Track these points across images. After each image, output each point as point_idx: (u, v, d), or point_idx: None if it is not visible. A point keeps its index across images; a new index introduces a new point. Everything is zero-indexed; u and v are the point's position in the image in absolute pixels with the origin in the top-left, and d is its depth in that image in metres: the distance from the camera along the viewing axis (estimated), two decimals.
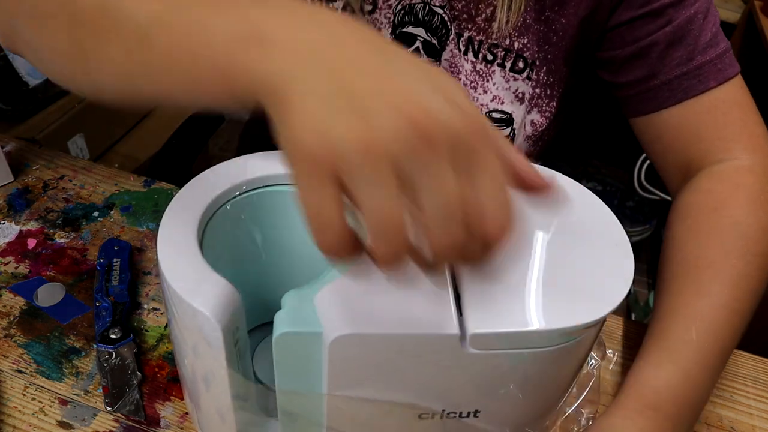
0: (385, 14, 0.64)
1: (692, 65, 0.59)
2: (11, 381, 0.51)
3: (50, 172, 0.71)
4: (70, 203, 0.67)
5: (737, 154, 0.58)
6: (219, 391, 0.41)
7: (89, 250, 0.63)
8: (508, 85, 0.64)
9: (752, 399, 0.56)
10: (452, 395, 0.40)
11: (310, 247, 0.48)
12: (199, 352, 0.40)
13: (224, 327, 0.37)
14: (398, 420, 0.41)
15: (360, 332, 0.36)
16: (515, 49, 0.63)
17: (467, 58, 0.64)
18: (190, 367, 0.43)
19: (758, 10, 1.42)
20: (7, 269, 0.60)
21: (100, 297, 0.56)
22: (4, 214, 0.66)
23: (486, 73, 0.64)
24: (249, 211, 0.46)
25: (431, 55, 0.65)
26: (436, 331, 0.36)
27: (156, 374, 0.53)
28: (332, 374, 0.38)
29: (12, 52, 0.42)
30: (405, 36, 0.64)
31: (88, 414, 0.49)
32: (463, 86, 0.52)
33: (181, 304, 0.38)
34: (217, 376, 0.40)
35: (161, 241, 0.40)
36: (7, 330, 0.55)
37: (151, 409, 0.50)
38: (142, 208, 0.68)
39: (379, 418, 0.41)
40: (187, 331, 0.40)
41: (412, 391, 0.39)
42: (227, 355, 0.38)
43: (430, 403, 0.40)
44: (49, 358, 0.53)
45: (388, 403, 0.40)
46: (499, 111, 0.65)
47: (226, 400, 0.41)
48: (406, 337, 0.36)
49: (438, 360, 0.37)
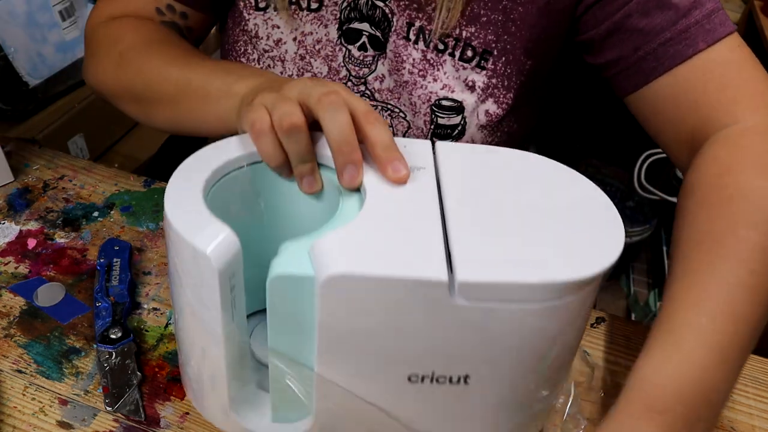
0: (331, 11, 0.65)
1: (676, 29, 0.56)
2: (11, 381, 0.51)
3: (50, 172, 0.71)
4: (70, 203, 0.67)
5: (741, 116, 0.54)
6: (213, 342, 0.41)
7: (89, 250, 0.63)
8: (458, 75, 0.64)
9: (752, 399, 0.56)
10: (442, 354, 0.40)
11: (308, 221, 0.48)
12: (197, 297, 0.41)
13: (221, 268, 0.38)
14: (387, 382, 0.41)
15: (351, 273, 0.37)
16: (463, 38, 0.62)
17: (417, 47, 0.64)
18: (188, 318, 0.43)
19: (758, 10, 1.42)
20: (7, 269, 0.60)
21: (100, 297, 0.56)
22: (4, 214, 0.66)
23: (437, 62, 0.64)
24: (252, 184, 0.47)
25: (377, 48, 0.65)
26: (425, 277, 0.37)
27: (156, 374, 0.53)
28: (323, 318, 0.38)
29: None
30: (351, 31, 0.65)
31: (88, 414, 0.49)
32: (341, 84, 0.53)
33: (182, 246, 0.39)
34: (212, 323, 0.41)
35: (169, 195, 0.42)
36: (7, 330, 0.55)
37: (151, 409, 0.50)
38: (142, 208, 0.68)
39: (368, 376, 0.41)
40: (186, 275, 0.41)
41: (402, 345, 0.39)
42: (222, 298, 0.39)
43: (420, 362, 0.40)
44: (49, 358, 0.53)
45: (378, 360, 0.40)
46: (449, 99, 0.65)
47: (219, 356, 0.42)
48: (395, 281, 0.37)
49: (427, 311, 0.38)
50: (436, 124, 0.67)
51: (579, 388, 0.55)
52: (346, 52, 0.66)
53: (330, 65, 0.67)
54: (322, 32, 0.66)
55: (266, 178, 0.47)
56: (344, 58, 0.66)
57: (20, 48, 1.09)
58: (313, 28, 0.66)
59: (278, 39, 0.67)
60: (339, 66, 0.67)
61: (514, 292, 0.37)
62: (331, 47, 0.66)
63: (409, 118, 0.68)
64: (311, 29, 0.66)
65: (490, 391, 0.42)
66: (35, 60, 1.13)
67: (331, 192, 0.46)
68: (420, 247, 0.39)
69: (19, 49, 1.08)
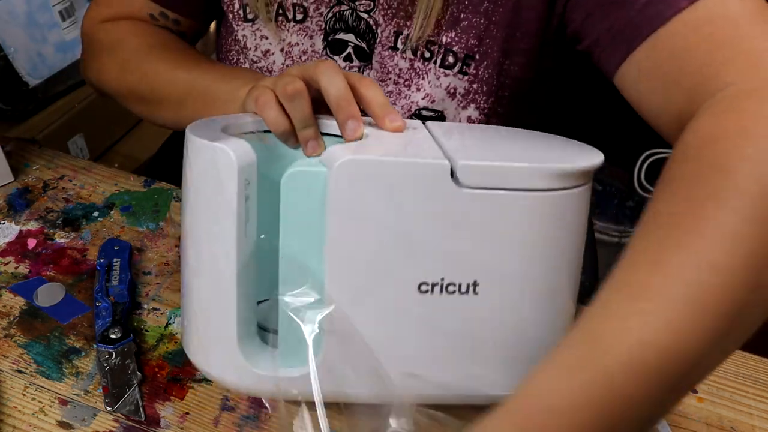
0: (316, 22, 0.64)
1: None
2: (11, 381, 0.51)
3: (50, 172, 0.71)
4: (70, 203, 0.67)
5: (734, 78, 0.44)
6: (224, 257, 0.42)
7: (89, 250, 0.63)
8: (439, 82, 0.63)
9: (752, 399, 0.56)
10: (449, 255, 0.41)
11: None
12: (212, 209, 0.42)
13: (241, 165, 0.40)
14: (397, 293, 0.42)
15: (360, 158, 0.40)
16: (444, 44, 0.61)
17: (405, 56, 0.63)
18: (199, 242, 0.44)
19: None
20: (7, 269, 0.60)
21: (100, 297, 0.56)
22: (4, 214, 0.66)
23: (422, 71, 0.63)
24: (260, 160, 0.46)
25: (362, 59, 0.65)
26: (428, 161, 0.40)
27: (156, 374, 0.53)
28: (334, 208, 0.40)
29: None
30: (337, 42, 0.65)
31: (88, 414, 0.49)
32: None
33: (203, 152, 0.42)
34: (225, 235, 0.42)
35: (190, 127, 0.45)
36: (7, 330, 0.55)
37: (151, 409, 0.50)
38: (142, 208, 0.68)
39: (378, 289, 0.42)
40: (203, 184, 0.43)
41: (410, 244, 0.41)
42: (239, 198, 0.41)
43: (429, 266, 0.41)
44: (49, 358, 0.53)
45: (388, 262, 0.41)
46: (429, 110, 0.65)
47: (230, 275, 0.42)
48: (401, 165, 0.40)
49: (432, 201, 0.40)
50: None
51: None
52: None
53: None
54: (308, 43, 0.66)
55: (275, 150, 0.49)
56: None
57: (20, 48, 1.09)
58: (299, 38, 0.66)
59: (266, 50, 0.67)
60: None
61: (512, 177, 0.40)
62: (317, 58, 0.66)
63: None
64: (297, 40, 0.66)
65: (500, 301, 0.43)
66: (35, 60, 1.13)
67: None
68: (421, 148, 0.44)
69: (19, 49, 1.08)
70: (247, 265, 0.43)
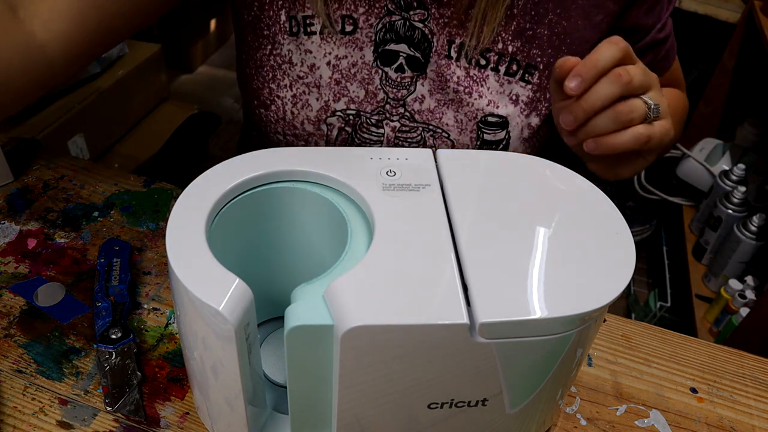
0: (366, 33, 0.64)
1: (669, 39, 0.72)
2: (11, 381, 0.51)
3: (50, 172, 0.71)
4: (70, 203, 0.67)
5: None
6: (229, 383, 0.41)
7: (89, 250, 0.63)
8: (502, 89, 0.65)
9: (752, 399, 0.56)
10: (462, 385, 0.40)
11: (314, 243, 0.48)
12: (209, 346, 0.40)
13: (236, 323, 0.37)
14: (408, 411, 0.41)
15: (372, 323, 0.36)
16: (509, 53, 0.63)
17: (459, 64, 0.64)
18: (199, 359, 0.43)
19: (758, 10, 1.42)
20: (7, 269, 0.60)
21: (100, 297, 0.56)
22: (4, 214, 0.66)
23: (480, 78, 0.64)
24: (255, 207, 0.47)
25: (415, 68, 0.65)
26: (446, 321, 0.36)
27: (156, 374, 0.53)
28: (344, 366, 0.38)
29: None
30: (388, 53, 0.65)
31: (88, 414, 0.49)
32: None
33: (193, 302, 0.38)
34: (228, 369, 0.40)
35: (170, 237, 0.40)
36: (7, 330, 0.55)
37: (151, 409, 0.50)
38: (142, 208, 0.68)
39: (389, 410, 0.41)
40: (197, 326, 0.40)
41: (422, 382, 0.40)
42: (239, 350, 0.38)
43: (440, 394, 0.40)
44: (49, 358, 0.53)
45: (399, 395, 0.40)
46: (494, 115, 0.66)
47: (236, 391, 0.41)
48: (416, 328, 0.36)
49: (448, 350, 0.38)
50: (482, 141, 0.67)
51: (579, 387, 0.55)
52: (383, 74, 0.66)
53: (367, 89, 0.67)
54: (358, 55, 0.65)
55: (269, 200, 0.47)
56: (381, 80, 0.66)
57: None
58: (347, 51, 0.65)
59: (312, 64, 0.66)
60: (376, 89, 0.66)
61: (533, 328, 0.38)
62: (367, 70, 0.66)
63: (454, 136, 0.68)
64: (345, 52, 0.65)
65: (508, 408, 0.43)
66: None
67: (336, 215, 0.46)
68: (436, 286, 0.39)
69: None
70: (254, 390, 0.43)
